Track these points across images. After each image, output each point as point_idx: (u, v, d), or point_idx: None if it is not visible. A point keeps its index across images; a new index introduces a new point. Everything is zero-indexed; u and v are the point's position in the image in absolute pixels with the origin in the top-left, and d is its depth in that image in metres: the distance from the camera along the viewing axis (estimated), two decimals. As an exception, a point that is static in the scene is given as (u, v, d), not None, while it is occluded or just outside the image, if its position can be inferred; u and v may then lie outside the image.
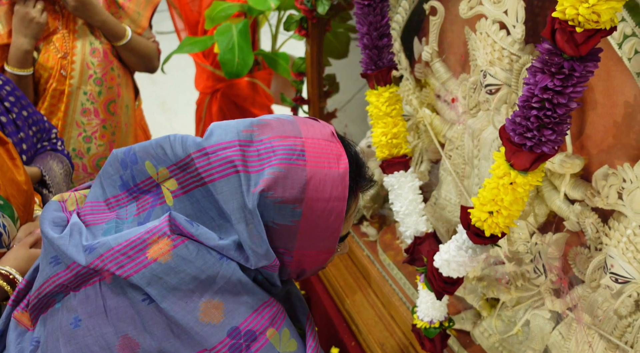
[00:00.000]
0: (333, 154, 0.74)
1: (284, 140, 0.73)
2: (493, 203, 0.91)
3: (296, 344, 0.78)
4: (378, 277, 1.60)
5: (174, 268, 0.71)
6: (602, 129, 0.94)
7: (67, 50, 1.59)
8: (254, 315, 0.74)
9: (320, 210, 0.72)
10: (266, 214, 0.71)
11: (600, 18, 0.68)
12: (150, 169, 0.77)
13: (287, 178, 0.71)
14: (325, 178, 0.72)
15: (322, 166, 0.73)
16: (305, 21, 1.61)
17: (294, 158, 0.72)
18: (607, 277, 0.92)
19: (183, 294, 0.71)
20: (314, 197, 0.72)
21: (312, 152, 0.73)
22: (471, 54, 1.17)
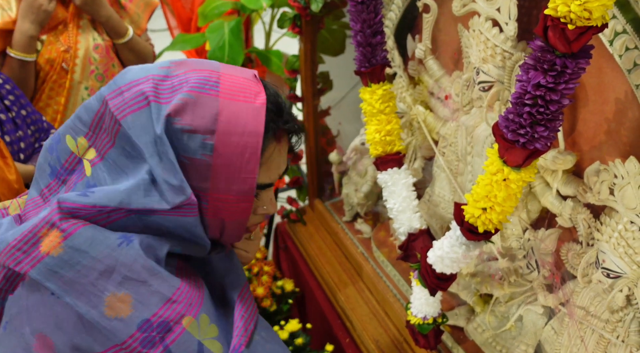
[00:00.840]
0: (250, 90, 0.71)
1: (199, 72, 0.71)
2: (486, 200, 0.92)
3: (217, 329, 0.74)
4: (372, 273, 1.61)
5: (67, 261, 0.67)
6: (594, 125, 0.94)
7: (70, 44, 1.59)
8: (167, 304, 0.69)
9: (234, 146, 0.68)
10: (177, 145, 0.68)
11: (592, 15, 0.69)
12: (70, 142, 0.74)
13: (197, 106, 0.68)
14: (240, 111, 0.69)
15: (236, 99, 0.69)
16: (299, 19, 1.61)
17: (206, 87, 0.69)
18: (599, 272, 0.93)
19: (84, 288, 0.67)
20: (227, 130, 0.68)
21: (227, 85, 0.70)
22: (464, 51, 1.17)
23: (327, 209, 1.93)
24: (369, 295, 1.61)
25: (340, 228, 1.83)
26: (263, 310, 1.83)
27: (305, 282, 1.84)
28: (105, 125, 0.71)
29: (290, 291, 1.86)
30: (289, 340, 1.61)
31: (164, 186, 0.68)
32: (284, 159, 0.78)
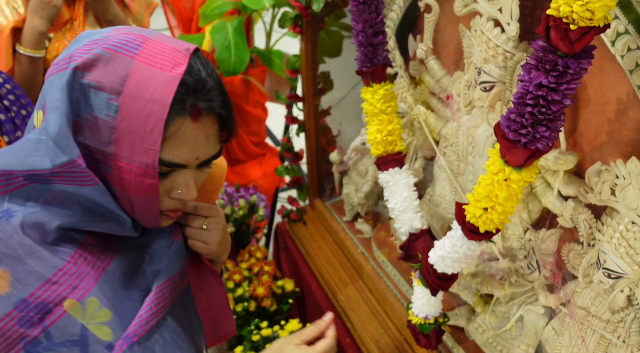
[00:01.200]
0: (171, 60, 0.67)
1: (128, 34, 0.68)
2: (487, 200, 0.92)
3: (110, 314, 0.70)
4: (372, 273, 1.61)
5: None
6: (595, 125, 0.94)
7: None
8: (45, 285, 0.67)
9: (139, 111, 0.65)
10: (83, 101, 0.66)
11: (594, 15, 0.69)
12: (35, 117, 0.72)
13: (109, 64, 0.65)
14: (151, 77, 0.65)
15: (152, 65, 0.66)
16: (300, 18, 1.61)
17: (126, 48, 0.66)
18: (600, 273, 0.93)
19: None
20: (134, 93, 0.65)
21: (148, 50, 0.67)
22: (465, 51, 1.17)
23: (328, 209, 1.93)
24: (370, 295, 1.61)
25: (340, 228, 1.83)
26: (263, 310, 1.83)
27: (305, 282, 1.84)
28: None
29: (291, 291, 1.86)
30: (289, 339, 1.60)
31: (49, 143, 0.65)
32: (201, 140, 0.70)
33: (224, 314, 0.92)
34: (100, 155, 0.68)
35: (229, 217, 2.12)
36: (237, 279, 1.88)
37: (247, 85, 2.37)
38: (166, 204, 0.74)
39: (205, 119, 0.70)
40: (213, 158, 0.75)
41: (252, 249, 2.02)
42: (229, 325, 0.93)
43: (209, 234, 0.84)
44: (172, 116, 0.66)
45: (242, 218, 2.13)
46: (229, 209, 2.11)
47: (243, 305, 1.80)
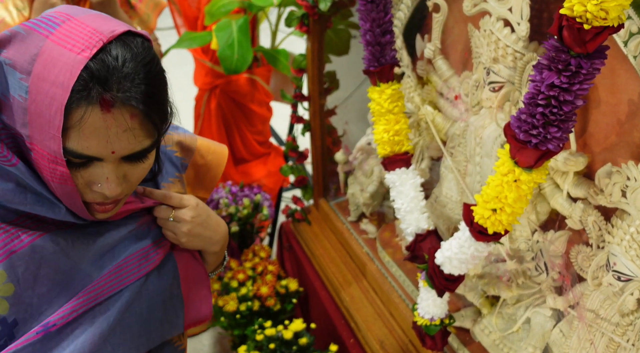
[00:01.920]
0: (85, 42, 0.63)
1: (53, 12, 0.66)
2: (496, 201, 0.91)
3: (13, 289, 0.69)
4: (377, 274, 1.60)
5: None
6: (606, 127, 0.94)
7: None
8: None
9: (44, 93, 0.62)
10: (3, 79, 0.64)
11: (609, 15, 0.68)
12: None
13: (23, 42, 0.63)
14: (58, 59, 0.62)
15: (63, 46, 0.63)
16: (307, 17, 1.61)
17: (43, 26, 0.64)
18: (609, 275, 0.92)
19: None
20: (41, 75, 0.62)
21: (65, 30, 0.64)
22: (474, 51, 1.17)
23: (332, 209, 1.93)
24: (374, 295, 1.60)
25: (345, 228, 1.83)
26: (267, 310, 1.83)
27: (309, 282, 1.84)
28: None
29: (294, 290, 1.86)
30: (293, 339, 1.60)
31: None
32: (115, 134, 0.65)
33: (200, 297, 0.89)
34: (20, 137, 0.66)
35: (233, 216, 2.11)
36: (241, 278, 1.87)
37: (253, 85, 2.37)
38: (89, 196, 0.71)
39: (118, 110, 0.64)
40: (142, 153, 0.70)
41: (256, 248, 2.01)
42: (203, 309, 0.89)
43: (175, 225, 0.82)
44: (75, 103, 0.62)
45: (247, 218, 2.13)
46: (234, 208, 2.10)
47: (247, 305, 1.79)
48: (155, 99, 0.67)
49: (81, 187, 0.69)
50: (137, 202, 0.80)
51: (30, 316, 0.70)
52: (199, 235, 0.86)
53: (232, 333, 1.85)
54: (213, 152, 0.94)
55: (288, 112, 1.93)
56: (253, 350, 1.60)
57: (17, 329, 0.69)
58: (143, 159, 0.71)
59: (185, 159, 0.91)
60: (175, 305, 0.85)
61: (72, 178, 0.67)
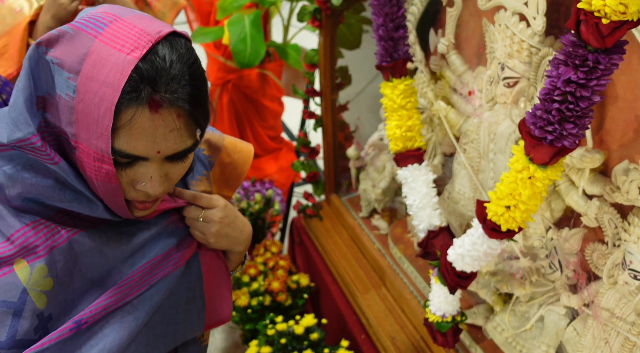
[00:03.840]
0: (133, 42, 0.64)
1: (99, 12, 0.67)
2: (510, 198, 0.90)
3: (52, 284, 0.70)
4: (389, 270, 1.60)
5: None
6: (623, 123, 0.92)
7: None
8: (1, 243, 0.68)
9: (93, 93, 0.63)
10: (49, 78, 0.65)
11: (628, 9, 0.67)
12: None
13: (72, 41, 0.64)
14: (108, 59, 0.63)
15: (112, 46, 0.63)
16: (319, 12, 1.60)
17: (91, 26, 0.65)
18: (625, 274, 0.91)
19: None
20: (90, 74, 0.63)
21: (113, 30, 0.64)
22: (488, 46, 1.15)
23: (344, 204, 1.92)
24: (385, 291, 1.60)
25: (356, 224, 1.82)
26: (278, 304, 1.83)
27: (320, 277, 1.84)
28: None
29: (306, 286, 1.86)
30: (304, 334, 1.60)
31: (7, 119, 0.66)
32: (162, 134, 0.66)
33: (221, 298, 0.90)
34: (65, 135, 0.67)
35: (244, 211, 2.11)
36: (253, 273, 1.88)
37: (264, 79, 2.37)
38: (132, 195, 0.72)
39: (166, 111, 0.65)
40: (185, 152, 0.70)
41: (267, 243, 2.02)
42: (225, 311, 0.91)
43: (204, 225, 0.83)
44: (125, 104, 0.63)
45: (258, 213, 2.13)
46: (245, 203, 2.11)
47: (258, 299, 1.80)
48: (199, 99, 0.68)
49: (124, 186, 0.70)
50: (170, 201, 0.80)
51: (63, 311, 0.71)
52: (226, 236, 0.86)
53: (244, 328, 1.86)
54: (239, 150, 0.94)
55: (300, 108, 1.93)
56: (264, 345, 1.60)
57: (51, 324, 0.70)
58: (184, 159, 0.72)
59: (212, 157, 0.91)
60: (197, 306, 0.85)
61: (117, 176, 0.68)
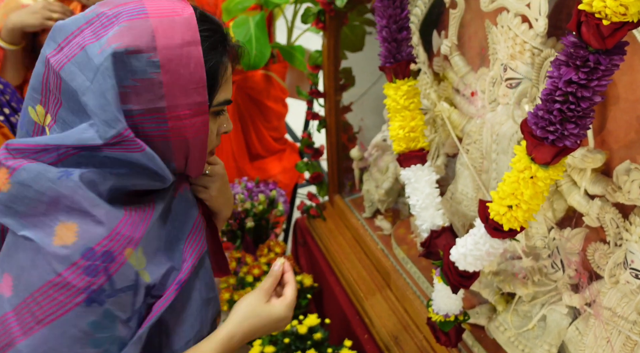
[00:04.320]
0: (176, 7, 0.72)
1: (125, 5, 0.72)
2: (513, 197, 0.91)
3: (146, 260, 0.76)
4: (392, 270, 1.61)
5: (16, 195, 0.70)
6: (625, 124, 0.93)
7: None
8: (111, 235, 0.71)
9: (178, 57, 0.70)
10: (121, 71, 0.69)
11: (628, 10, 0.68)
12: (32, 113, 0.77)
13: (132, 29, 0.69)
14: (173, 25, 0.70)
15: (166, 15, 0.71)
16: (323, 14, 1.61)
17: (134, 13, 0.70)
18: (627, 273, 0.92)
19: (36, 220, 0.70)
20: (166, 44, 0.70)
21: (153, 7, 0.72)
22: (491, 47, 1.16)
23: (347, 205, 1.93)
24: (388, 291, 1.60)
25: (360, 225, 1.83)
26: (282, 305, 1.84)
27: (324, 278, 1.85)
28: (51, 86, 0.73)
29: (309, 286, 1.87)
30: (307, 334, 1.61)
31: (96, 120, 0.69)
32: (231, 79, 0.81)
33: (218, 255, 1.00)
34: (154, 115, 0.72)
35: (248, 211, 2.13)
36: (256, 274, 1.89)
37: (268, 81, 2.38)
38: (212, 144, 0.83)
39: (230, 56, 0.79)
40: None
41: (271, 244, 2.03)
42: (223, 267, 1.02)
43: (210, 179, 0.91)
44: (212, 59, 0.74)
45: (262, 213, 2.14)
46: (249, 204, 2.12)
47: (262, 300, 1.81)
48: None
49: (211, 138, 0.81)
50: None
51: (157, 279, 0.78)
52: (224, 194, 0.94)
53: (247, 328, 1.86)
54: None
55: (303, 109, 1.94)
56: (267, 345, 1.61)
57: (154, 290, 0.78)
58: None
59: None
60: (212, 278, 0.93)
61: (208, 125, 0.77)
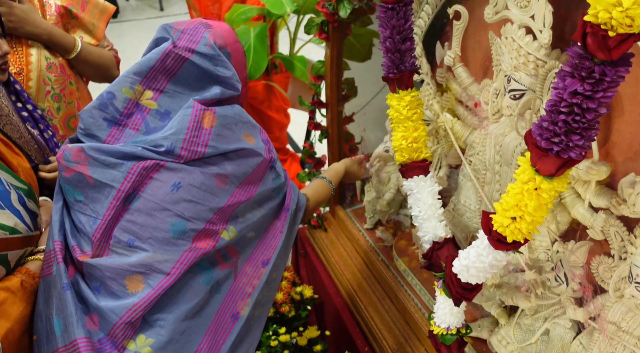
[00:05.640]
0: (218, 21, 1.13)
1: (190, 22, 1.09)
2: (516, 209, 0.90)
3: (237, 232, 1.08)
4: (393, 282, 1.59)
5: (224, 125, 1.04)
6: (630, 136, 0.92)
7: (22, 66, 1.46)
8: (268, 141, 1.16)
9: (236, 50, 1.10)
10: (220, 60, 1.05)
11: (634, 22, 0.67)
12: (128, 92, 1.03)
13: (216, 35, 1.07)
14: (225, 31, 1.11)
15: (219, 26, 1.11)
16: (326, 24, 1.62)
17: (205, 26, 1.08)
18: (632, 287, 0.91)
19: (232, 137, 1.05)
20: (228, 42, 1.09)
21: (209, 22, 1.11)
22: (495, 59, 1.16)
23: (349, 216, 1.92)
24: (390, 303, 1.59)
25: (361, 236, 1.82)
26: (282, 316, 1.82)
27: (324, 289, 1.83)
28: (165, 67, 1.03)
29: (309, 297, 1.85)
30: (307, 346, 1.59)
31: (233, 80, 1.07)
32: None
33: None
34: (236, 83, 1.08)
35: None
36: (256, 284, 1.87)
37: (270, 91, 2.38)
38: None
39: None
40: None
41: (271, 254, 2.01)
42: None
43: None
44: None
45: (262, 223, 2.13)
46: (250, 214, 2.11)
47: (261, 310, 1.79)
48: None
49: None
50: None
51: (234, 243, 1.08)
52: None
53: (246, 339, 1.85)
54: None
55: (305, 119, 1.94)
56: (267, 356, 1.60)
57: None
58: None
59: None
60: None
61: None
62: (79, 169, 0.98)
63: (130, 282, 0.94)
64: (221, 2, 2.31)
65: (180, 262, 0.96)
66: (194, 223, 0.98)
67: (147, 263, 0.94)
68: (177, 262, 0.96)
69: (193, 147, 1.00)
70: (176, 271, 0.95)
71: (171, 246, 0.96)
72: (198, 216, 0.99)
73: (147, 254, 0.95)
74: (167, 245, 0.96)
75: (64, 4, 1.55)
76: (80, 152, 0.99)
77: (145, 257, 0.95)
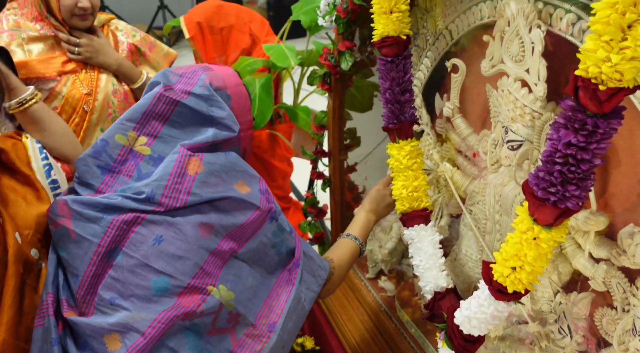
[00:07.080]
0: (220, 65, 1.13)
1: (190, 67, 1.10)
2: (516, 259, 0.90)
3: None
4: (395, 333, 1.56)
5: (211, 172, 0.99)
6: (626, 187, 0.93)
7: (92, 88, 1.67)
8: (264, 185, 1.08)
9: (237, 93, 1.09)
10: (215, 100, 1.04)
11: (624, 77, 0.69)
12: (121, 139, 1.03)
13: (214, 76, 1.07)
14: (227, 74, 1.10)
15: (220, 70, 1.10)
16: (329, 76, 1.66)
17: (203, 69, 1.08)
18: (636, 340, 0.89)
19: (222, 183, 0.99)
20: (229, 85, 1.08)
21: (211, 66, 1.11)
22: (492, 110, 1.18)
23: (350, 265, 1.91)
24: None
25: (363, 285, 1.80)
26: (281, 368, 1.78)
27: (325, 340, 1.80)
28: (157, 111, 1.03)
29: (310, 349, 1.82)
30: (307, 400, 1.55)
31: (229, 121, 1.03)
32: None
33: None
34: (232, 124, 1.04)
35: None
36: (256, 334, 1.84)
37: (274, 140, 2.42)
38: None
39: None
40: None
41: (272, 304, 1.98)
42: None
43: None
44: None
45: (264, 272, 2.11)
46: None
47: (261, 362, 1.75)
48: None
49: None
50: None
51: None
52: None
53: (245, 392, 1.80)
54: None
55: (308, 168, 1.96)
56: (266, 410, 1.55)
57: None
58: None
59: None
60: None
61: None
62: (63, 223, 0.97)
63: (108, 340, 0.90)
64: (227, 54, 2.38)
65: (158, 321, 0.89)
66: (177, 279, 0.92)
67: (124, 322, 0.89)
68: (153, 320, 0.89)
69: (174, 193, 0.95)
70: (152, 331, 0.89)
71: (153, 304, 0.91)
72: (182, 271, 0.93)
73: (127, 314, 0.90)
74: (149, 303, 0.91)
75: (135, 42, 1.81)
76: (65, 206, 0.97)
77: (125, 316, 0.90)
